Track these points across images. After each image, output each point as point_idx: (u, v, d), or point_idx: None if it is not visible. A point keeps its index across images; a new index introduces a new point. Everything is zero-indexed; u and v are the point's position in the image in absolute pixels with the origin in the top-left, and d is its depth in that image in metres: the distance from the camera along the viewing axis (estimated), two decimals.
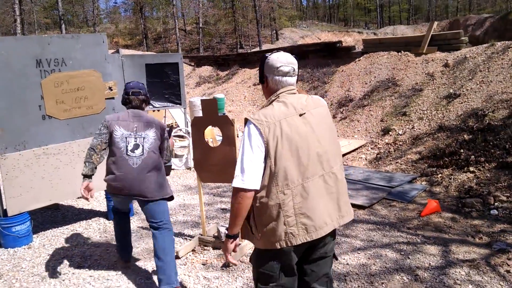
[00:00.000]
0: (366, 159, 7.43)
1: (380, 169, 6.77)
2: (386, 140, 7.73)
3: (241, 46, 36.72)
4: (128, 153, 3.29)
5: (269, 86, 2.08)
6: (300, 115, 1.96)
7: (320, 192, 1.95)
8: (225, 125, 3.84)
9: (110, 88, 4.77)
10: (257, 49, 27.57)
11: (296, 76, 2.10)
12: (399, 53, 10.36)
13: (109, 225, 4.78)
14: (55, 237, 4.51)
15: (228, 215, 4.95)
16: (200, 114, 4.80)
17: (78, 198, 5.30)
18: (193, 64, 19.26)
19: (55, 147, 4.43)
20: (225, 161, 3.86)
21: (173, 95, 9.39)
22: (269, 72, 2.06)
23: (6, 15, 29.06)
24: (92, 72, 4.62)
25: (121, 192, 3.30)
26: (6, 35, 26.22)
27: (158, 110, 10.07)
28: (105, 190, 4.37)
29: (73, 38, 4.47)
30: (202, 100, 3.96)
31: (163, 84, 9.25)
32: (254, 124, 1.90)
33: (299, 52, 13.53)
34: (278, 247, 1.91)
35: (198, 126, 4.01)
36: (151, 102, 7.92)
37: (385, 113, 8.61)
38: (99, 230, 4.67)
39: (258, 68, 2.22)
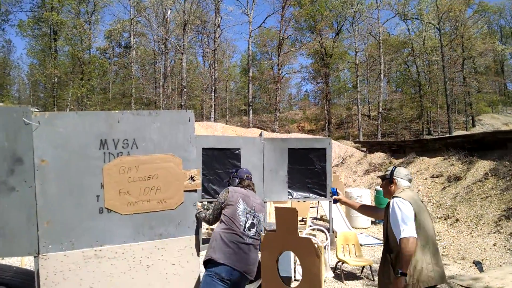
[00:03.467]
0: None
1: None
2: None
3: (429, 132, 33.46)
4: (245, 231, 3.47)
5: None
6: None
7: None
8: (306, 253, 2.26)
9: (192, 178, 3.71)
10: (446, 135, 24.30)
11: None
12: None
13: None
14: None
15: None
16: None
17: None
18: (365, 150, 17.66)
19: (111, 249, 3.48)
20: None
21: (317, 185, 7.97)
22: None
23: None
24: (170, 158, 3.65)
25: (232, 266, 3.37)
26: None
27: (298, 201, 8.77)
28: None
29: (150, 115, 3.63)
30: (276, 208, 2.49)
31: (306, 171, 8.00)
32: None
33: (492, 140, 10.71)
34: None
35: (268, 247, 2.52)
36: (289, 191, 7.44)
37: None
38: None
39: (439, 157, 2.20)
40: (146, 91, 38.07)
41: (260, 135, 7.96)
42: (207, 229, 9.55)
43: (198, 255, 3.77)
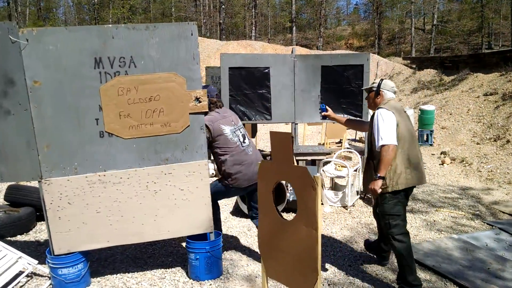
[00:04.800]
0: None
1: None
2: None
3: (489, 47, 30.70)
4: (243, 145, 3.80)
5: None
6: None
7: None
8: (302, 185, 1.95)
9: (197, 99, 3.39)
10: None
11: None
12: None
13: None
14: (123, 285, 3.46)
15: None
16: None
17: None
18: (414, 66, 16.44)
19: (115, 174, 3.34)
20: (299, 249, 1.99)
21: (353, 105, 7.43)
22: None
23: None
24: (172, 76, 3.32)
25: (250, 183, 3.72)
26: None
27: (333, 123, 8.34)
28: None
29: (147, 29, 3.25)
30: (271, 133, 2.15)
31: (341, 91, 7.45)
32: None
33: None
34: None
35: (265, 177, 2.23)
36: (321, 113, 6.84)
37: None
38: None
39: (495, 73, 1.33)
40: (186, 10, 37.00)
41: (292, 52, 7.40)
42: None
43: (208, 181, 3.57)
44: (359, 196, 6.02)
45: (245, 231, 4.75)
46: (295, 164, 3.76)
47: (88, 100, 3.20)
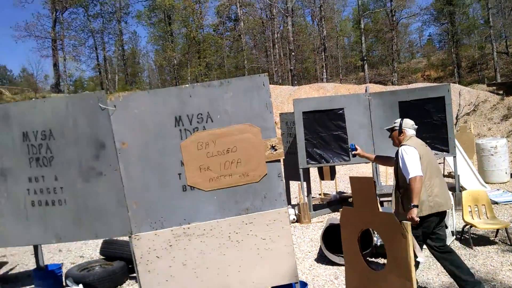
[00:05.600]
0: None
1: None
2: None
3: None
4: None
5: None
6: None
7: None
8: (389, 232, 1.83)
9: (273, 148, 3.43)
10: None
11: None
12: None
13: None
14: None
15: None
16: (491, 162, 2.92)
17: None
18: (501, 92, 15.31)
19: (198, 226, 3.43)
20: None
21: (437, 139, 7.04)
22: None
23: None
24: (247, 127, 3.41)
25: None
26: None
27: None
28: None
29: (221, 86, 3.41)
30: (351, 179, 2.08)
31: (423, 125, 7.09)
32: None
33: None
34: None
35: (348, 225, 2.14)
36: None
37: None
38: None
39: None
40: (258, 61, 38.50)
41: (366, 90, 7.29)
42: (320, 194, 9.29)
43: (289, 228, 3.52)
44: (455, 237, 5.54)
45: (331, 279, 4.56)
46: (380, 208, 3.59)
47: (170, 157, 3.37)
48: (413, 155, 3.66)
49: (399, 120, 4.06)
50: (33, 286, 5.01)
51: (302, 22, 44.37)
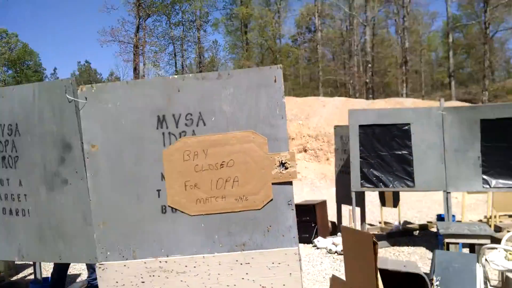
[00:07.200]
0: None
1: None
2: None
3: None
4: None
5: None
6: None
7: None
8: None
9: (283, 165, 2.53)
10: None
11: None
12: None
13: None
14: None
15: None
16: None
17: None
18: None
19: (179, 261, 2.62)
20: None
21: None
22: None
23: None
24: (250, 135, 2.55)
25: None
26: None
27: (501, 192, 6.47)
28: None
29: (219, 78, 2.59)
30: (343, 229, 1.17)
31: (509, 150, 5.70)
32: None
33: None
34: None
35: None
36: (485, 178, 6.01)
37: None
38: None
39: None
40: (336, 73, 37.16)
41: (440, 103, 6.06)
42: (380, 222, 8.04)
43: (299, 276, 2.58)
44: None
45: None
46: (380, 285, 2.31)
47: (149, 167, 2.62)
48: None
49: None
50: None
51: (385, 35, 42.29)
